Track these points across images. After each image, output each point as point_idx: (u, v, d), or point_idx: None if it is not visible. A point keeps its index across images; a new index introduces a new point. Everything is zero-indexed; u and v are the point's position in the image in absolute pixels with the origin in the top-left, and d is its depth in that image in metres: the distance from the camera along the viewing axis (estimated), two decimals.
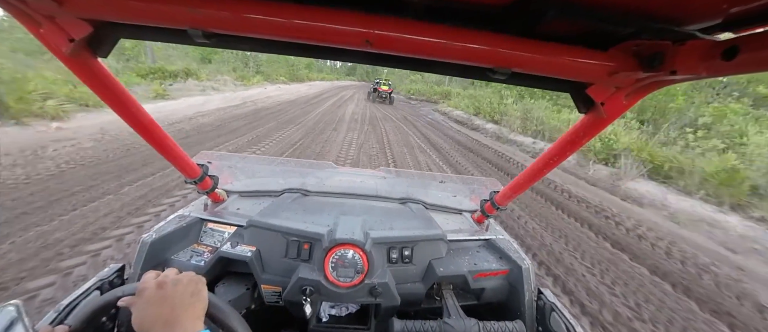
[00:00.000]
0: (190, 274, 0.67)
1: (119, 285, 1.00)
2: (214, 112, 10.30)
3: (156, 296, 0.60)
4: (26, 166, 4.39)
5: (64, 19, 0.63)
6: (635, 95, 0.72)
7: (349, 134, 9.38)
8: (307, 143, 7.60)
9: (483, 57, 0.61)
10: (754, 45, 0.44)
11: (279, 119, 10.47)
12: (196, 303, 0.62)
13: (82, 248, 2.80)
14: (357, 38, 0.58)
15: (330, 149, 7.31)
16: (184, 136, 7.06)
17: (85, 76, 0.76)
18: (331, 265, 1.01)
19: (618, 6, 0.49)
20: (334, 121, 11.33)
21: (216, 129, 7.95)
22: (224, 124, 8.72)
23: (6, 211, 3.22)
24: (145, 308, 0.59)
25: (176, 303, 0.59)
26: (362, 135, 9.35)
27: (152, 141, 1.00)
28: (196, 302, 0.62)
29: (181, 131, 7.50)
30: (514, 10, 0.56)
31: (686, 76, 0.56)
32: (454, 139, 10.59)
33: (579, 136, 0.89)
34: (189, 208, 1.32)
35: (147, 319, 0.57)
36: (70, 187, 3.91)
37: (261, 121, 9.73)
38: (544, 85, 0.79)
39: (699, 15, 0.48)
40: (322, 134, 8.94)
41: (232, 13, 0.56)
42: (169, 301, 0.59)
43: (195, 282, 0.65)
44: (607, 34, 0.60)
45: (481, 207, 1.43)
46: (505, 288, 1.23)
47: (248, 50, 0.75)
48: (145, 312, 0.58)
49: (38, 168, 4.36)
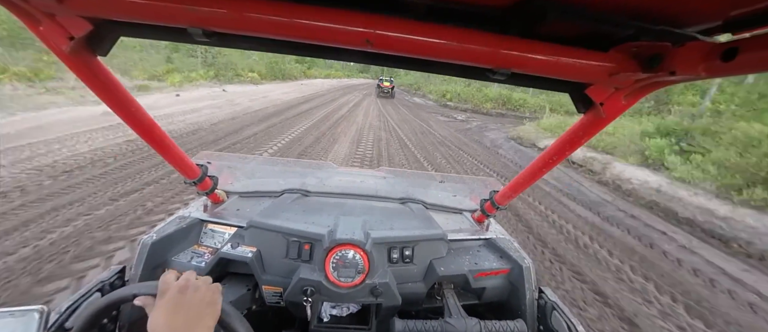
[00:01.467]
0: (208, 281, 0.66)
1: (120, 287, 1.00)
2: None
3: (177, 300, 0.59)
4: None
5: (64, 16, 0.63)
6: (634, 96, 0.72)
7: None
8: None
9: (483, 57, 0.61)
10: (753, 46, 0.44)
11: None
12: (212, 312, 0.62)
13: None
14: (357, 38, 0.58)
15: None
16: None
17: (84, 75, 0.76)
18: (332, 265, 1.01)
19: (618, 8, 0.49)
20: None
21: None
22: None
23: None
24: (165, 310, 0.58)
25: (193, 311, 0.59)
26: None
27: (151, 141, 1.00)
28: (211, 312, 0.62)
29: None
30: (515, 12, 0.56)
31: (686, 77, 0.56)
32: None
33: (578, 136, 0.89)
34: (189, 209, 1.32)
35: (168, 322, 0.57)
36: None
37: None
38: (544, 85, 0.79)
39: (699, 17, 0.49)
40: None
41: (232, 12, 0.56)
42: (186, 307, 0.59)
43: (213, 291, 0.65)
44: (607, 36, 0.60)
45: (481, 207, 1.43)
46: (506, 287, 1.23)
47: (249, 49, 0.75)
48: (166, 314, 0.58)
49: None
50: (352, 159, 6.86)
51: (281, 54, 0.79)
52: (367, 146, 8.02)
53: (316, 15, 0.57)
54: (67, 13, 0.62)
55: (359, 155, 7.25)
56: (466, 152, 8.73)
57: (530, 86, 0.86)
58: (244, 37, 0.67)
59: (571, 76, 0.67)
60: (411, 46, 0.60)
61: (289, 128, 8.93)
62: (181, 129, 7.67)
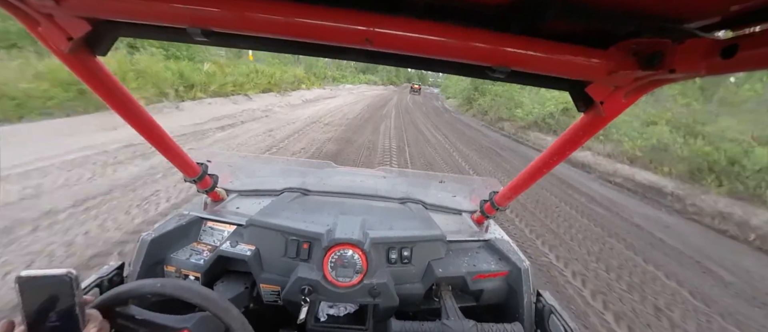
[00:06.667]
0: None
1: (119, 283, 1.00)
2: None
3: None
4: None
5: (63, 17, 0.63)
6: (634, 94, 0.72)
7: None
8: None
9: (482, 55, 0.61)
10: (753, 43, 0.44)
11: None
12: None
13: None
14: (357, 36, 0.58)
15: None
16: None
17: (83, 75, 0.76)
18: (330, 265, 1.01)
19: (617, 5, 0.49)
20: None
21: None
22: None
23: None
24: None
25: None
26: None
27: (152, 140, 1.00)
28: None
29: None
30: (514, 9, 0.56)
31: (685, 75, 0.56)
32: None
33: (578, 135, 0.88)
34: (188, 206, 1.32)
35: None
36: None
37: None
38: (543, 83, 0.79)
39: (698, 14, 0.48)
40: None
41: (231, 12, 0.56)
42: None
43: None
44: (607, 33, 0.60)
45: (481, 208, 1.42)
46: (504, 289, 1.22)
47: (248, 48, 0.76)
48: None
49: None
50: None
51: (280, 53, 0.79)
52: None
53: (316, 14, 0.57)
54: (65, 14, 0.62)
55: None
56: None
57: (530, 85, 0.86)
58: (243, 36, 0.67)
59: (571, 74, 0.66)
60: (411, 44, 0.60)
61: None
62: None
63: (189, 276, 1.10)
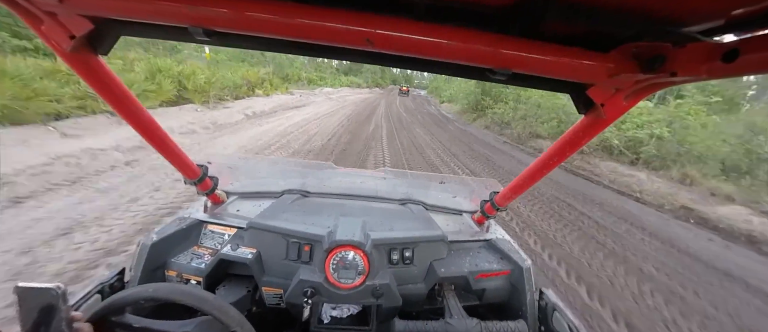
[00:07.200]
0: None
1: (120, 289, 0.99)
2: None
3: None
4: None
5: (65, 15, 0.63)
6: (635, 97, 0.72)
7: None
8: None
9: (483, 57, 0.61)
10: (754, 47, 0.44)
11: None
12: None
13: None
14: (358, 37, 0.58)
15: None
16: None
17: (85, 74, 0.76)
18: (332, 267, 1.01)
19: (619, 8, 0.49)
20: None
21: None
22: None
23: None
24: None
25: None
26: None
27: (152, 141, 1.00)
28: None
29: None
30: (515, 11, 0.56)
31: (686, 78, 0.56)
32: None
33: (579, 137, 0.89)
34: (189, 210, 1.32)
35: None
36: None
37: None
38: (544, 86, 0.79)
39: (700, 18, 0.49)
40: None
41: (232, 12, 0.56)
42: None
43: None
44: (608, 36, 0.60)
45: (481, 208, 1.43)
46: (507, 288, 1.23)
47: (249, 48, 0.75)
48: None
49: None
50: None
51: (281, 53, 0.79)
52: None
53: (317, 15, 0.57)
54: (68, 13, 0.62)
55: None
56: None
57: (531, 87, 0.86)
58: (244, 36, 0.67)
59: (572, 76, 0.67)
60: (412, 45, 0.60)
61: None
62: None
63: (190, 280, 1.10)
